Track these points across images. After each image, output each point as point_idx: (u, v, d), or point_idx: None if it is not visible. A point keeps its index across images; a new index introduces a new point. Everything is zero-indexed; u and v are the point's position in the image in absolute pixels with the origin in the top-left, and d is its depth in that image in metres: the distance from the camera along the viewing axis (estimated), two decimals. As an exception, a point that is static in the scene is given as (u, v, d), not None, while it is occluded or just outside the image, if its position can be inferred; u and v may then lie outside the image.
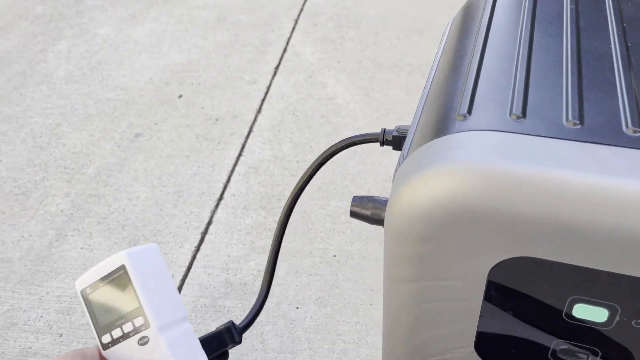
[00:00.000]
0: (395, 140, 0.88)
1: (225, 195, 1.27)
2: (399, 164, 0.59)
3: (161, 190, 1.29)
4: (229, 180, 1.31)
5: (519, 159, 0.48)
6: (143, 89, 1.61)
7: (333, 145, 0.87)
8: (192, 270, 1.11)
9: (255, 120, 1.49)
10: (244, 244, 1.16)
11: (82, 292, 0.42)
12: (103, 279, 0.41)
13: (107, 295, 0.41)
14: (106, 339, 0.42)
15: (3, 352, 0.98)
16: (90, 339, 0.99)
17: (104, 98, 1.58)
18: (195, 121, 1.49)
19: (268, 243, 1.15)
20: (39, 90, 1.62)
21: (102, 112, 1.53)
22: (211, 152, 1.39)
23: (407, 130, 0.85)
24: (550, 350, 0.57)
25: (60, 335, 1.00)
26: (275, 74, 1.65)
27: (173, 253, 1.14)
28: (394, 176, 0.78)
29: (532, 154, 0.49)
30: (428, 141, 0.56)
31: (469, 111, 0.53)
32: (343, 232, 1.16)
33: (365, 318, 0.99)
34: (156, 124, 1.48)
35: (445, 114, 0.57)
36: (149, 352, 0.41)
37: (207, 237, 1.18)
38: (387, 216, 0.56)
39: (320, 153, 0.82)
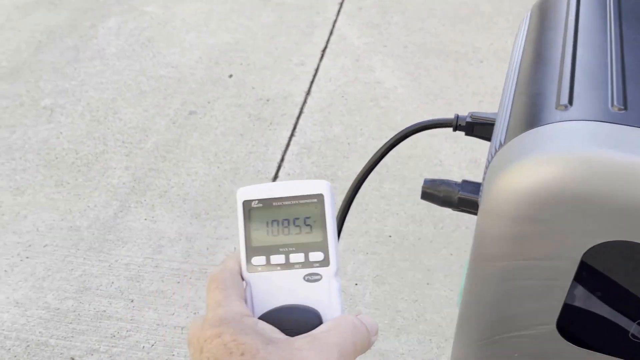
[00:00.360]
0: (469, 126, 0.91)
1: (280, 174, 1.32)
2: (494, 149, 0.63)
3: (218, 167, 1.33)
4: (282, 159, 1.35)
5: (622, 149, 0.52)
6: (194, 68, 1.64)
7: (406, 129, 0.90)
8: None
9: (305, 101, 1.52)
10: (301, 222, 1.20)
11: (244, 203, 0.37)
12: (284, 199, 0.37)
13: (281, 216, 0.37)
14: (258, 261, 0.37)
15: (79, 314, 1.04)
16: (161, 306, 1.04)
17: (156, 75, 1.62)
18: (246, 101, 1.53)
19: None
20: (92, 66, 1.66)
21: (155, 89, 1.57)
22: (264, 131, 1.43)
23: (483, 117, 0.89)
24: (630, 333, 0.61)
25: (132, 301, 1.05)
26: (322, 56, 1.68)
27: (233, 227, 1.19)
28: (488, 162, 0.81)
29: (635, 144, 0.53)
30: (529, 129, 0.59)
31: (570, 102, 0.57)
32: (397, 213, 1.20)
33: (422, 297, 1.03)
34: (209, 102, 1.52)
35: (542, 104, 0.61)
36: (312, 290, 0.37)
37: (265, 213, 1.22)
38: (487, 198, 0.59)
39: (393, 135, 0.86)
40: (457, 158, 1.32)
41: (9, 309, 1.05)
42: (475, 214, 0.88)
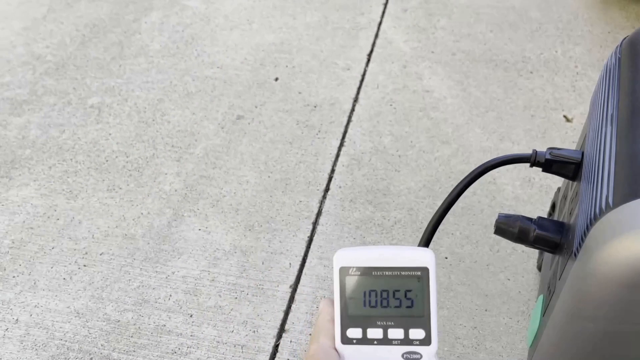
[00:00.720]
0: (547, 163, 0.90)
1: (331, 187, 1.31)
2: (598, 208, 0.61)
3: (269, 177, 1.33)
4: (332, 171, 1.35)
5: None
6: (239, 69, 1.63)
7: (483, 165, 0.89)
8: (307, 260, 1.16)
9: (353, 109, 1.51)
10: (354, 238, 1.20)
11: (341, 270, 0.36)
12: (386, 269, 0.35)
13: (380, 287, 0.35)
14: (354, 333, 0.36)
15: (139, 327, 1.05)
16: (220, 322, 1.05)
17: (202, 76, 1.61)
18: (294, 106, 1.51)
19: (378, 239, 1.19)
20: (137, 63, 1.65)
21: (202, 90, 1.56)
22: (313, 139, 1.42)
23: (563, 155, 0.87)
24: None
25: (191, 316, 1.06)
26: (368, 61, 1.66)
27: (287, 241, 1.19)
28: (564, 198, 0.79)
29: None
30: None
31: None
32: (452, 233, 1.19)
33: (481, 324, 1.03)
34: (256, 107, 1.51)
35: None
36: None
37: (318, 227, 1.22)
38: (595, 259, 0.58)
39: (469, 172, 0.85)
40: (511, 176, 1.31)
41: (70, 319, 1.06)
42: (550, 251, 0.87)
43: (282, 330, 1.04)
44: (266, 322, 1.05)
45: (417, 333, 0.35)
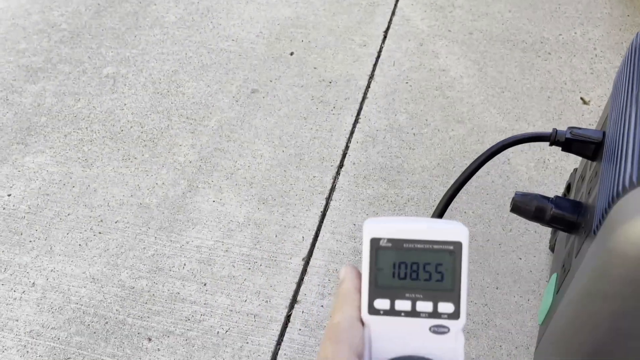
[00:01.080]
0: (567, 142, 0.89)
1: (345, 163, 1.31)
2: (621, 184, 0.61)
3: (283, 151, 1.33)
4: (347, 147, 1.35)
5: None
6: (254, 42, 1.62)
7: (501, 141, 0.89)
8: (320, 234, 1.17)
9: (368, 86, 1.50)
10: (367, 214, 1.20)
11: (372, 241, 0.36)
12: (418, 242, 0.35)
13: (411, 259, 0.35)
14: (381, 304, 0.35)
15: (154, 294, 1.06)
16: (234, 291, 1.06)
17: (217, 48, 1.60)
18: (309, 82, 1.51)
19: (390, 216, 1.20)
20: (153, 34, 1.64)
21: (217, 62, 1.56)
22: (327, 115, 1.42)
23: (584, 135, 0.87)
24: None
25: (205, 285, 1.08)
26: (385, 38, 1.65)
27: (301, 216, 1.19)
28: (582, 177, 0.79)
29: None
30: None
31: None
32: (465, 212, 1.20)
33: (492, 301, 1.04)
34: (271, 81, 1.51)
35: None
36: (437, 343, 0.35)
37: (331, 203, 1.23)
38: (616, 237, 0.59)
39: (488, 148, 0.84)
40: (526, 157, 1.30)
41: (85, 284, 1.08)
42: (566, 230, 0.87)
43: (294, 301, 1.05)
44: (279, 293, 1.06)
45: (446, 307, 0.35)
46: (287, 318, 1.03)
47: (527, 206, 0.86)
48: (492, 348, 0.98)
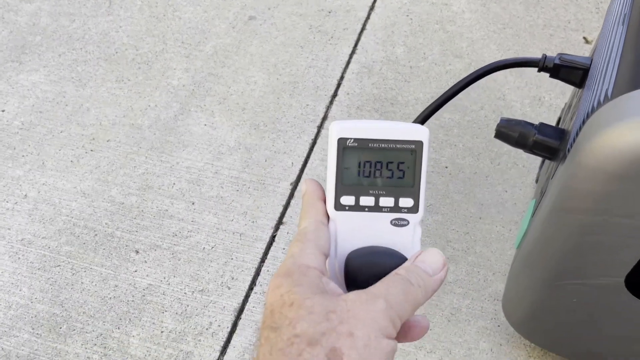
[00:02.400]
0: (555, 68, 0.88)
1: (339, 93, 1.31)
2: (597, 101, 0.61)
3: (277, 79, 1.33)
4: (342, 77, 1.34)
5: None
6: (254, -31, 1.58)
7: (491, 64, 0.88)
8: (309, 161, 1.18)
9: (368, 17, 1.47)
10: (358, 143, 1.21)
11: (339, 140, 0.37)
12: (382, 141, 0.37)
13: (375, 158, 0.37)
14: (347, 200, 0.37)
15: (143, 210, 1.09)
16: (221, 211, 1.08)
17: (216, -27, 1.57)
18: (308, 11, 1.48)
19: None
20: (151, -44, 1.60)
21: (215, -12, 1.53)
22: (324, 45, 1.40)
23: (573, 60, 0.86)
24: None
25: (193, 203, 1.10)
26: (388, -31, 1.60)
27: (291, 142, 1.20)
28: (568, 106, 0.79)
29: None
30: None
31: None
32: (455, 145, 1.20)
33: (474, 230, 1.06)
34: (269, 9, 1.48)
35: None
36: (397, 235, 0.38)
37: (322, 131, 1.23)
38: (584, 151, 0.59)
39: (474, 70, 0.84)
40: (521, 93, 1.29)
41: (76, 198, 1.10)
42: (548, 157, 0.87)
43: (280, 222, 1.07)
44: (265, 214, 1.08)
45: (406, 202, 0.37)
46: (272, 238, 1.05)
47: (510, 132, 0.86)
48: (470, 274, 1.01)
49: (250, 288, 1.00)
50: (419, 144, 0.37)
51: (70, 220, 1.07)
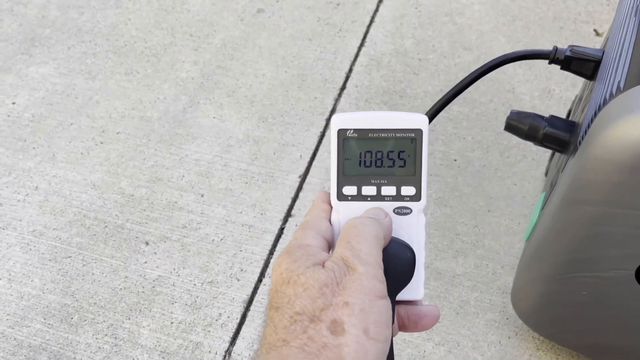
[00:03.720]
0: (567, 60, 0.88)
1: (347, 85, 1.30)
2: (609, 93, 0.61)
3: (285, 72, 1.33)
4: (350, 70, 1.33)
5: None
6: (263, -39, 1.58)
7: (501, 57, 0.87)
8: (318, 154, 1.18)
9: (377, 9, 1.47)
10: (366, 136, 1.21)
11: (339, 132, 0.37)
12: (381, 130, 0.37)
13: (375, 148, 0.37)
14: (349, 190, 0.38)
15: (152, 202, 1.09)
16: (230, 203, 1.09)
17: (224, -34, 1.56)
18: (316, 3, 1.48)
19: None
20: (159, -51, 1.60)
21: (223, -20, 1.53)
22: (333, 38, 1.40)
23: (584, 52, 0.85)
24: None
25: (202, 196, 1.10)
26: (397, -39, 1.59)
27: (300, 135, 1.20)
28: (579, 99, 0.79)
29: None
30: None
31: None
32: (464, 137, 1.19)
33: (483, 223, 1.06)
34: (277, 1, 1.48)
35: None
36: (400, 223, 0.38)
37: (331, 123, 1.23)
38: (595, 142, 0.59)
39: (484, 63, 0.83)
40: (531, 86, 1.28)
41: (86, 190, 1.11)
42: (558, 150, 0.87)
43: (288, 214, 1.08)
44: (274, 207, 1.08)
45: (408, 190, 0.37)
46: (281, 230, 1.06)
47: (520, 124, 0.85)
48: (479, 267, 1.01)
49: (259, 280, 1.00)
50: (419, 132, 0.37)
51: (81, 211, 1.08)
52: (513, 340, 0.93)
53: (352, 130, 0.37)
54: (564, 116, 1.23)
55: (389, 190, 0.38)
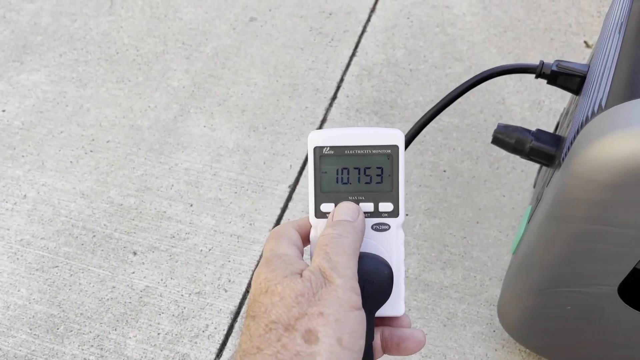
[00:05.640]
0: (553, 75, 0.88)
1: (338, 95, 1.31)
2: (591, 110, 0.61)
3: (277, 81, 1.33)
4: (342, 80, 1.34)
5: None
6: (256, -30, 1.58)
7: (488, 70, 0.88)
8: (308, 163, 1.18)
9: (369, 20, 1.47)
10: (356, 146, 1.21)
11: (315, 149, 0.38)
12: (357, 147, 0.37)
13: (352, 164, 0.37)
14: (327, 208, 0.38)
15: (141, 212, 1.09)
16: (219, 213, 1.09)
17: (217, -26, 1.57)
18: (309, 12, 1.48)
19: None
20: (153, -43, 1.61)
21: (216, -11, 1.53)
22: (325, 47, 1.40)
23: (570, 67, 0.85)
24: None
25: (191, 205, 1.10)
26: (390, -29, 1.60)
27: (290, 145, 1.20)
28: (566, 112, 0.79)
29: None
30: (637, 97, 0.57)
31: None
32: (454, 148, 1.20)
33: (471, 234, 1.06)
34: (270, 10, 1.48)
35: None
36: (379, 239, 0.38)
37: (321, 133, 1.23)
38: (578, 160, 0.59)
39: (471, 77, 0.84)
40: (521, 97, 1.29)
41: (75, 199, 1.11)
42: (544, 164, 0.87)
43: (277, 225, 1.08)
44: (263, 217, 1.08)
45: (385, 206, 0.38)
46: (269, 241, 1.06)
47: (507, 138, 0.86)
48: (467, 278, 1.01)
49: (247, 291, 1.00)
50: (395, 148, 0.37)
51: (69, 221, 1.07)
52: (500, 353, 0.93)
53: (328, 148, 0.37)
54: (552, 128, 1.24)
55: (366, 206, 0.38)
